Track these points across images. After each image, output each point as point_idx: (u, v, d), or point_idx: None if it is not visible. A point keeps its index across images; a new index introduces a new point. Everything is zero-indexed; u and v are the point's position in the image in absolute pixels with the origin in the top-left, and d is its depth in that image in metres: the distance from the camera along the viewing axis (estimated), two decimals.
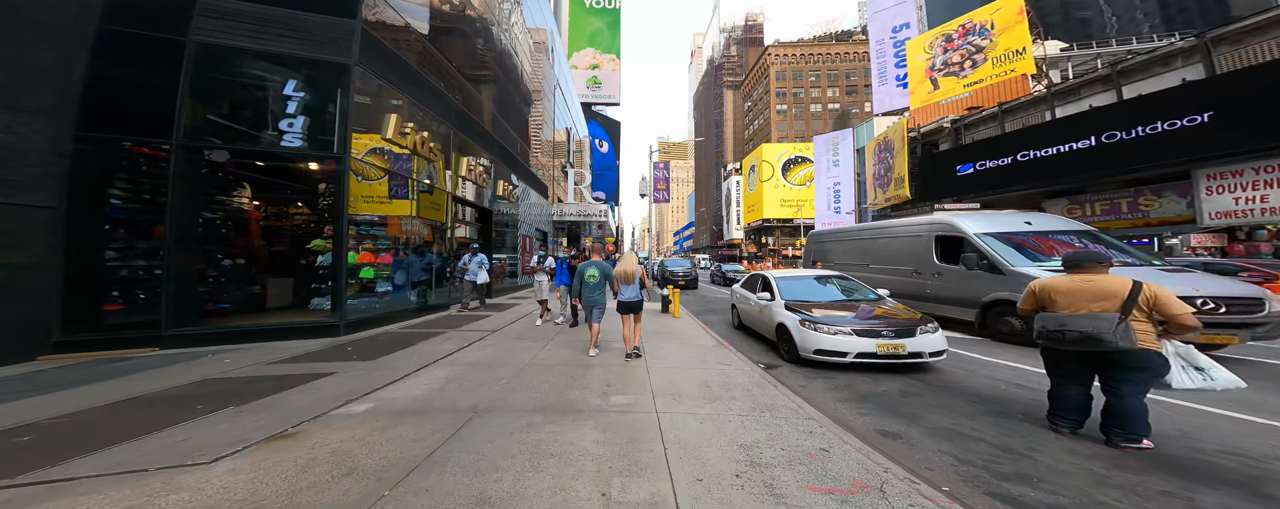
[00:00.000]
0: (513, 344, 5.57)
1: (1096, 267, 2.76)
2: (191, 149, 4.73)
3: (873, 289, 6.10)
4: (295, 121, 5.09)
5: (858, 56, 58.02)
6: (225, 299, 5.37)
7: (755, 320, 6.67)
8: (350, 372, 4.15)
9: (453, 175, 8.93)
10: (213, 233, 5.36)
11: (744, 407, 3.45)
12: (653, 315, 8.85)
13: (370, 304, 6.26)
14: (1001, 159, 19.17)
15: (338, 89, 5.38)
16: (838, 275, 6.67)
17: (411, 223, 7.40)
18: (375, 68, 6.13)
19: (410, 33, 7.47)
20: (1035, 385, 4.20)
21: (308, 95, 5.23)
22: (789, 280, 6.32)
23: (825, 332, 4.74)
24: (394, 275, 6.77)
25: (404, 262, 7.12)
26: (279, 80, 5.08)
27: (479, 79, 11.30)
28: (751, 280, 7.42)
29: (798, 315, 5.13)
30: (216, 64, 4.83)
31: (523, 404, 3.36)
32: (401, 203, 7.04)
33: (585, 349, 5.36)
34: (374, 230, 6.37)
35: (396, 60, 6.74)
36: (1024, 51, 25.02)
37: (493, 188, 11.62)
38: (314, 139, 5.28)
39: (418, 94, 7.45)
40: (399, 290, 7.05)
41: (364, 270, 6.18)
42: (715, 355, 5.30)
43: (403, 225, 7.09)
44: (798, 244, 43.25)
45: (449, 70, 9.17)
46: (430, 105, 7.86)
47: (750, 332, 7.29)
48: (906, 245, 8.61)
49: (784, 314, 5.39)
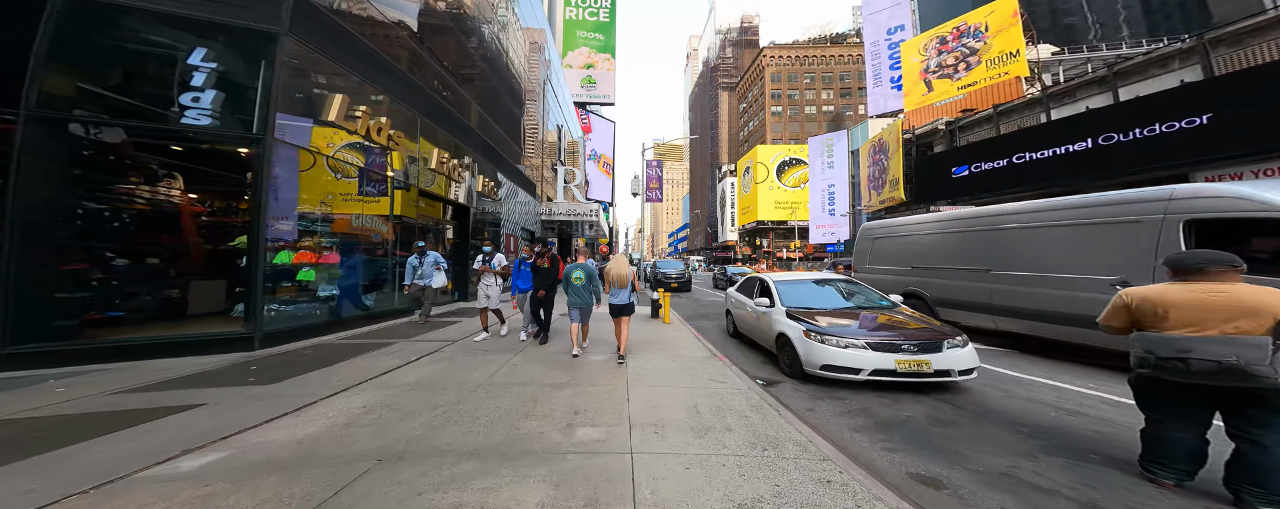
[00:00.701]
0: (471, 359, 4.79)
1: (1227, 271, 2.09)
2: (50, 122, 3.81)
3: (883, 294, 5.46)
4: (203, 96, 4.26)
5: (852, 59, 58.28)
6: (119, 307, 4.45)
7: (752, 329, 5.99)
8: (230, 401, 3.26)
9: (422, 168, 8.12)
10: (100, 226, 4.45)
11: (742, 441, 2.75)
12: (642, 321, 8.14)
13: (309, 311, 5.43)
14: (997, 161, 18.89)
15: (261, 61, 4.58)
16: (842, 279, 6.02)
17: (367, 218, 6.58)
18: (316, 41, 5.34)
19: (367, 7, 6.69)
20: (1089, 411, 3.56)
21: (222, 66, 4.41)
22: (790, 285, 5.65)
23: (834, 344, 4.07)
24: (342, 277, 5.94)
25: (353, 261, 6.28)
26: (183, 47, 4.25)
27: (467, 78, 10.54)
28: (748, 284, 6.74)
29: (801, 325, 4.46)
30: (91, 21, 3.95)
31: (454, 444, 2.60)
32: (352, 195, 6.22)
33: (558, 364, 4.63)
34: (316, 226, 5.55)
35: (345, 35, 5.95)
36: (1018, 54, 25.00)
37: (473, 184, 10.82)
38: (228, 118, 4.46)
39: (376, 76, 6.65)
40: (351, 294, 6.22)
41: (304, 272, 5.36)
42: (707, 370, 4.60)
43: (354, 221, 6.27)
44: (792, 246, 42.93)
45: (420, 57, 8.39)
46: (392, 90, 7.06)
47: (747, 340, 6.61)
48: (1098, 238, 5.04)
49: (785, 323, 4.71)
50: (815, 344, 4.19)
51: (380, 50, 6.79)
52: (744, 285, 6.91)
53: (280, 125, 4.83)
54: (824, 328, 4.30)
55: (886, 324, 4.42)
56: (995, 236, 6.32)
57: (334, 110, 5.62)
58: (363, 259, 6.53)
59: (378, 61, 6.62)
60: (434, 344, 5.47)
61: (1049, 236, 5.58)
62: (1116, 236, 4.84)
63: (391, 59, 6.98)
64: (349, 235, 6.16)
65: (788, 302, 5.18)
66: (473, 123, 11.13)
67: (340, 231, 6.00)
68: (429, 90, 8.49)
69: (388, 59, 6.88)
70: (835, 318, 4.62)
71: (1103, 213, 5.13)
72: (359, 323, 6.27)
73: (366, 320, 6.44)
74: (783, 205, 49.57)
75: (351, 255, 6.20)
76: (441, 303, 9.47)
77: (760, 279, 6.23)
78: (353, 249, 6.25)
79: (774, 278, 5.95)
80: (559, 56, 32.29)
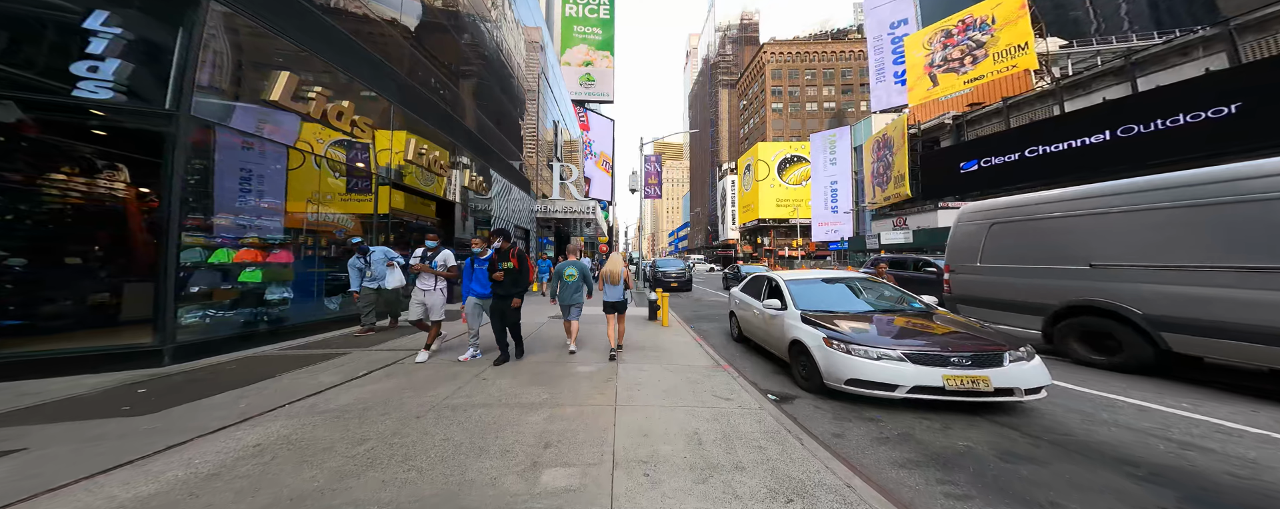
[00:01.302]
0: (431, 373, 4.09)
1: None
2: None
3: (912, 296, 4.77)
4: (103, 66, 3.55)
5: (854, 55, 57.59)
6: (15, 314, 3.73)
7: (760, 333, 5.30)
8: (64, 444, 2.43)
9: (395, 160, 7.43)
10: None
11: (759, 488, 2.08)
12: (638, 323, 7.46)
13: (249, 317, 4.71)
14: (1007, 155, 18.22)
15: (178, 27, 3.89)
16: (861, 278, 5.31)
17: (332, 214, 5.88)
18: (255, 10, 4.64)
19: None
20: (1210, 443, 2.79)
21: (129, 32, 3.71)
22: (803, 284, 4.97)
23: (862, 355, 3.38)
24: (297, 278, 5.24)
25: (312, 260, 5.58)
26: (79, 9, 3.55)
27: (453, 68, 9.85)
28: (754, 284, 6.05)
29: (820, 331, 3.77)
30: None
31: (364, 503, 1.89)
32: (304, 185, 5.52)
33: (536, 378, 3.96)
34: (263, 220, 4.85)
35: (293, 6, 5.24)
36: (1026, 47, 24.31)
37: (460, 179, 10.13)
38: (136, 92, 3.76)
39: (336, 54, 5.96)
40: (307, 297, 5.52)
41: (248, 273, 4.66)
42: (711, 383, 3.92)
43: (314, 216, 5.57)
44: (794, 244, 42.23)
45: (393, 38, 7.70)
46: (357, 71, 6.36)
47: (754, 346, 5.93)
48: None
49: (801, 329, 4.03)
50: (838, 354, 3.50)
51: (343, 28, 6.10)
52: (750, 285, 6.21)
53: (209, 104, 4.15)
54: (848, 334, 3.61)
55: (922, 330, 3.74)
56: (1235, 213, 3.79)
57: (280, 90, 4.92)
58: (326, 258, 5.84)
59: (333, 37, 5.91)
60: (394, 354, 4.76)
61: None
62: None
63: (348, 34, 6.27)
64: (309, 231, 5.47)
65: (802, 303, 4.49)
66: (460, 115, 10.45)
67: (295, 227, 5.30)
68: (403, 75, 7.80)
69: (344, 34, 6.16)
70: (858, 322, 3.94)
71: None
72: (317, 329, 5.57)
73: (326, 326, 5.74)
74: (784, 203, 48.91)
75: (310, 253, 5.51)
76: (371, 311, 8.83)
77: (769, 278, 5.54)
78: (312, 247, 5.56)
79: (784, 276, 5.26)
80: (557, 53, 31.68)
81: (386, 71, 7.20)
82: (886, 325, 3.90)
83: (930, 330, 3.73)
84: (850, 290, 4.90)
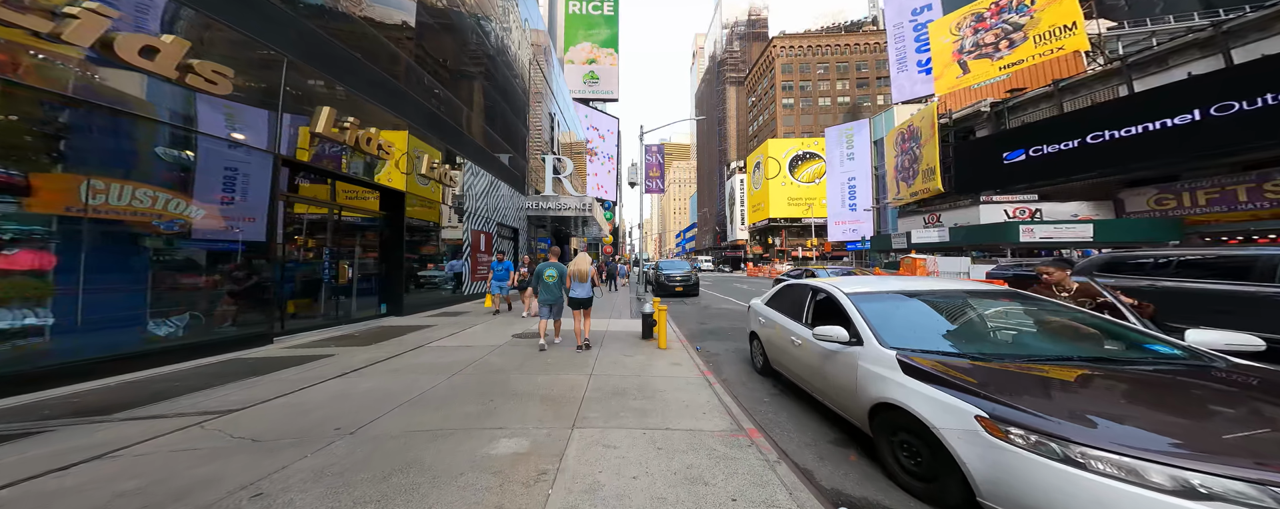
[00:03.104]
0: (178, 459, 2.23)
1: None
2: None
3: (1149, 331, 2.57)
4: None
5: (868, 47, 55.08)
6: None
7: (803, 371, 3.35)
8: None
9: (290, 127, 5.62)
10: None
11: None
12: (628, 344, 5.57)
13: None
14: (1064, 142, 15.91)
15: None
16: (987, 290, 3.15)
17: (147, 193, 3.99)
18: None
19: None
20: None
21: None
22: (880, 301, 2.97)
23: (1131, 475, 1.40)
24: (62, 293, 3.37)
25: (104, 264, 3.66)
26: None
27: (409, 34, 8.10)
28: (790, 297, 4.08)
29: (965, 400, 1.84)
30: None
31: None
32: (114, 155, 3.68)
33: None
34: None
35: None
36: (1074, 27, 21.87)
37: (416, 165, 8.33)
38: None
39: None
40: (100, 323, 3.64)
41: None
42: (730, 480, 2.03)
43: (111, 198, 3.70)
44: (808, 244, 39.88)
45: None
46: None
47: (788, 382, 3.98)
48: None
49: (907, 388, 2.12)
50: (1042, 463, 1.55)
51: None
52: (783, 298, 4.24)
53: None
54: (1061, 423, 1.61)
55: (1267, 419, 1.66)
56: None
57: None
58: (143, 261, 3.95)
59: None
60: (180, 421, 2.92)
61: None
62: None
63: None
64: (97, 222, 3.61)
65: (891, 336, 2.53)
66: (408, 81, 8.65)
67: (70, 215, 3.45)
68: (317, 29, 5.96)
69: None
70: (1061, 388, 1.95)
71: None
72: (115, 367, 3.70)
73: (134, 363, 3.85)
74: (796, 201, 46.65)
75: (104, 255, 3.67)
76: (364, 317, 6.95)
77: (816, 289, 3.58)
78: (106, 246, 3.71)
79: (844, 286, 3.28)
80: (560, 50, 30.19)
81: (274, 15, 5.34)
82: (1143, 398, 1.85)
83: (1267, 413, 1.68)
84: (977, 316, 2.88)
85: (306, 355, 4.58)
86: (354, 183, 7.16)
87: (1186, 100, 12.79)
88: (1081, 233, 14.34)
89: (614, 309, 9.50)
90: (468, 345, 5.43)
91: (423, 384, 3.74)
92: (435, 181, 9.09)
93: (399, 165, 7.86)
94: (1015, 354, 2.35)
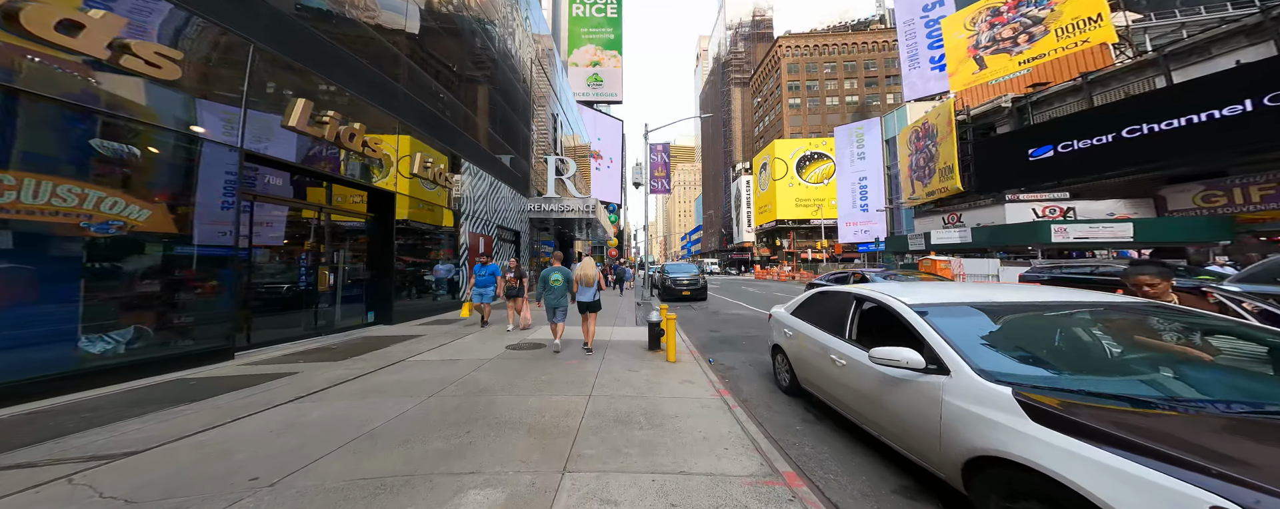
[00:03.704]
0: None
1: None
2: None
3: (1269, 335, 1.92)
4: None
5: (876, 46, 54.15)
6: None
7: (850, 398, 2.70)
8: None
9: (257, 121, 5.12)
10: None
11: None
12: (633, 356, 4.94)
13: None
14: (1098, 137, 14.98)
15: None
16: (1109, 302, 2.38)
17: (72, 190, 3.47)
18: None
19: None
20: None
21: None
22: (959, 316, 2.29)
23: None
24: None
25: (21, 274, 3.15)
26: None
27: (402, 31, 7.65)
28: (826, 306, 3.41)
29: (1190, 484, 1.17)
30: None
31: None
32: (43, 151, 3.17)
33: None
34: None
35: None
36: (1099, 19, 20.92)
37: (400, 162, 7.82)
38: None
39: None
40: (26, 337, 3.14)
41: None
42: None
43: (40, 195, 3.18)
44: (817, 246, 38.88)
45: None
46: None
47: (821, 404, 3.32)
48: None
49: (1053, 446, 1.46)
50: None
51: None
52: (814, 307, 3.57)
53: None
54: None
55: None
56: None
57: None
58: (72, 268, 3.42)
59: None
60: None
61: None
62: None
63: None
64: (25, 223, 3.10)
65: (993, 364, 1.87)
66: (404, 78, 8.18)
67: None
68: (294, 14, 5.49)
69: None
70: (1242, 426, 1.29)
71: None
72: (38, 391, 3.16)
73: (63, 386, 3.32)
74: (804, 203, 45.68)
75: (17, 261, 3.15)
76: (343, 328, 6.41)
77: (865, 298, 2.91)
78: (20, 251, 3.19)
79: (902, 295, 2.60)
80: (560, 52, 29.94)
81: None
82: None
83: None
84: (1085, 332, 2.16)
85: (264, 373, 4.01)
86: (339, 182, 6.66)
87: (1235, 90, 11.87)
88: (1120, 232, 13.37)
89: (618, 316, 8.88)
90: (454, 359, 4.84)
91: (388, 410, 3.14)
92: (430, 181, 8.58)
93: (387, 164, 7.36)
94: (1213, 400, 1.62)
